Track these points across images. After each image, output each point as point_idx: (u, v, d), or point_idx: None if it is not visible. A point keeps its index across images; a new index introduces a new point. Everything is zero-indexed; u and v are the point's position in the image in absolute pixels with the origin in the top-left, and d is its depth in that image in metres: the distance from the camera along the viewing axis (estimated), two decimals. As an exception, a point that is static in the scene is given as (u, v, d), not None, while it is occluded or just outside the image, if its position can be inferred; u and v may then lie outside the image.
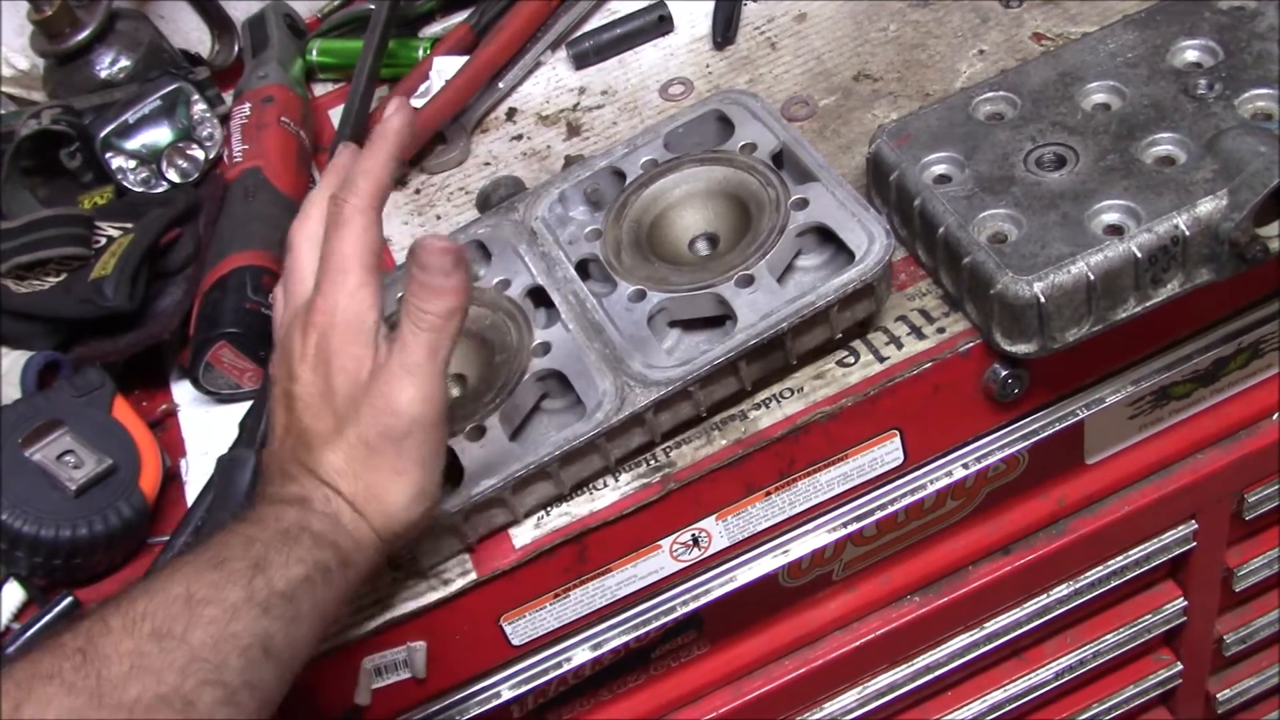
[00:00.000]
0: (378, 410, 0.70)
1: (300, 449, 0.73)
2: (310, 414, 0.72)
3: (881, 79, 1.03)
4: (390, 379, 0.70)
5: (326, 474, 0.72)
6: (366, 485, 0.71)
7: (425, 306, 0.70)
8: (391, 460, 0.71)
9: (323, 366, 0.72)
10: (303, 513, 0.70)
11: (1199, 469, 1.03)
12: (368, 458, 0.71)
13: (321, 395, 0.72)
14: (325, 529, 0.70)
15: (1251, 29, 0.89)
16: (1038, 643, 1.14)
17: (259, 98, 1.10)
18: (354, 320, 0.72)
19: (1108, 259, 0.79)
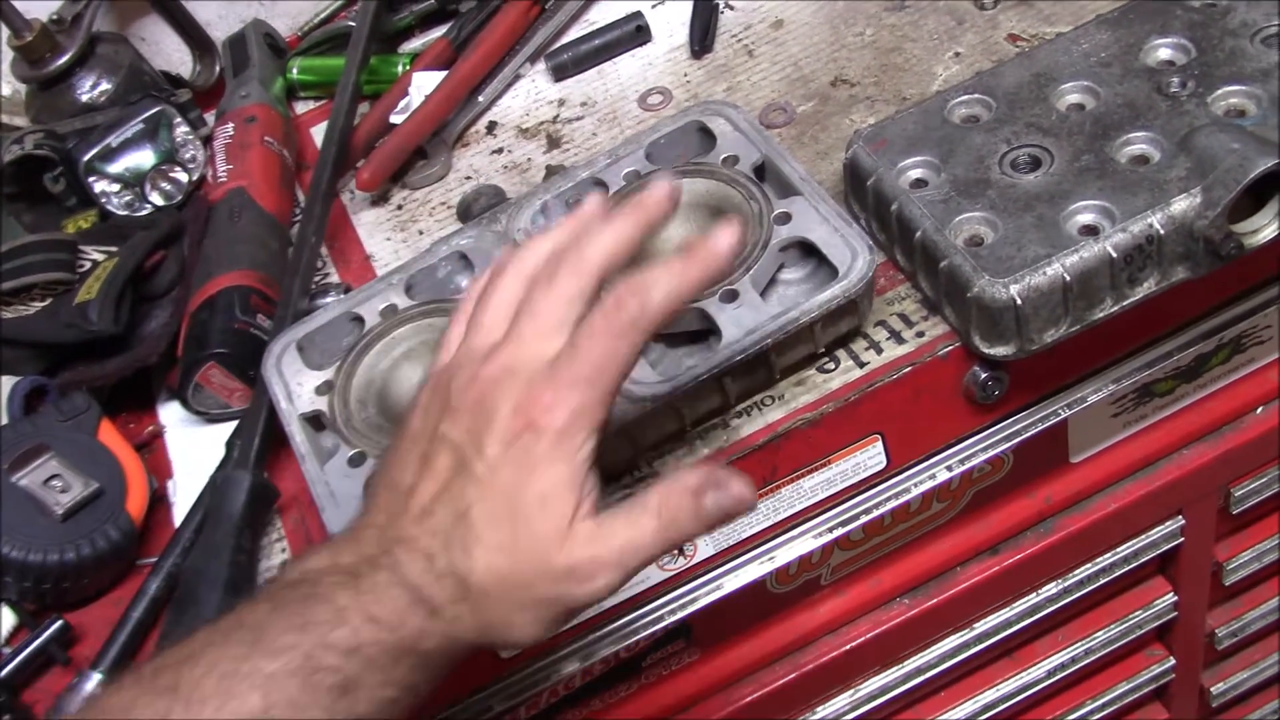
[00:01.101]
0: (572, 577, 0.63)
1: (452, 543, 0.63)
2: (486, 516, 0.63)
3: (858, 84, 1.04)
4: (597, 558, 0.63)
5: (473, 592, 0.62)
6: (503, 618, 0.63)
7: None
8: (547, 613, 0.64)
9: (521, 469, 0.62)
10: (425, 623, 0.62)
11: (1185, 465, 1.04)
12: (526, 601, 0.63)
13: (509, 501, 0.62)
14: (436, 650, 0.63)
15: (1224, 26, 0.89)
16: (1029, 641, 1.15)
17: (242, 117, 1.10)
18: (576, 434, 0.63)
19: (1083, 260, 0.79)
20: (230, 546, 0.83)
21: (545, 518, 0.62)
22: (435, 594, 0.62)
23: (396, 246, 1.05)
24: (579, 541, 0.62)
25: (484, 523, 0.62)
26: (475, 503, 0.63)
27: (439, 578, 0.62)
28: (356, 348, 0.88)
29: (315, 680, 0.58)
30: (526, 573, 0.62)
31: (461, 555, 0.62)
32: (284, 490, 0.90)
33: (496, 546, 0.62)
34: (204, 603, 0.81)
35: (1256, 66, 0.86)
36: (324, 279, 1.04)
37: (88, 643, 0.87)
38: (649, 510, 0.64)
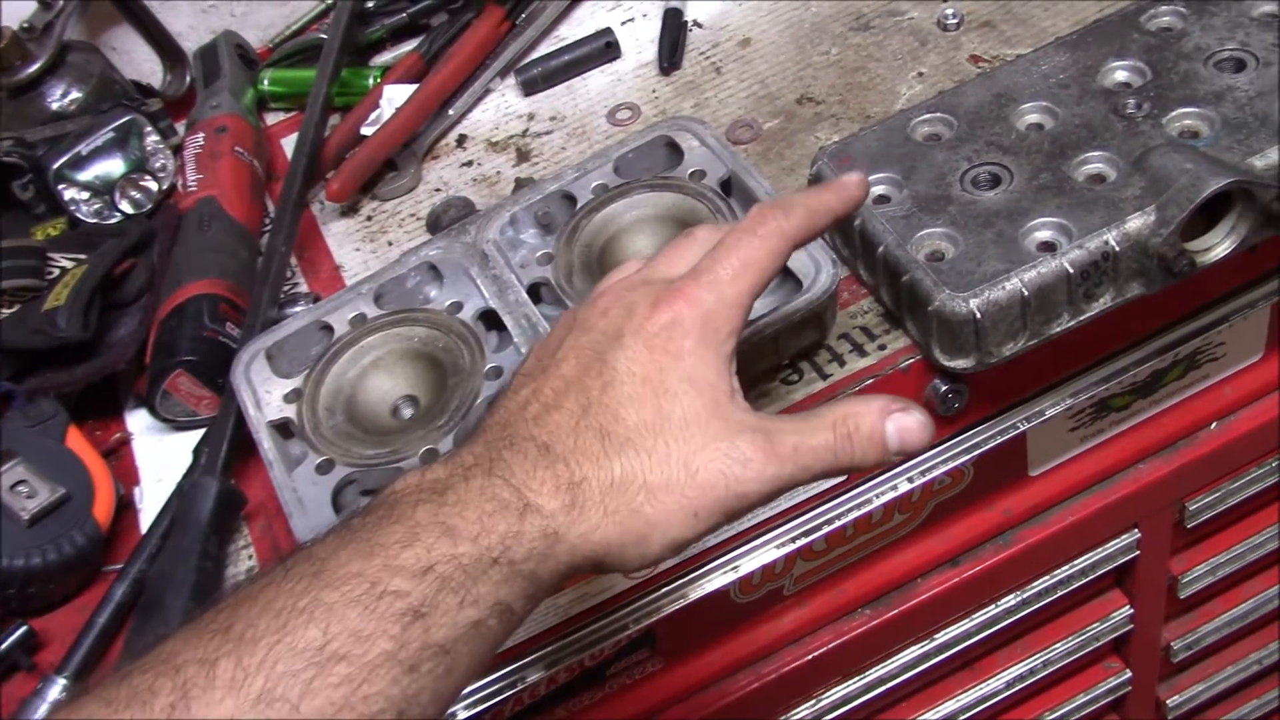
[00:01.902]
0: (735, 456, 0.59)
1: (580, 430, 0.59)
2: (622, 397, 0.60)
3: (824, 102, 1.06)
4: (764, 444, 0.60)
5: (589, 486, 0.59)
6: (640, 519, 0.59)
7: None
8: (705, 503, 0.59)
9: (663, 354, 0.61)
10: (517, 524, 0.57)
11: (1140, 479, 1.06)
12: (670, 488, 0.59)
13: (651, 383, 0.60)
14: (532, 555, 0.57)
15: (1178, 50, 0.92)
16: (989, 653, 1.16)
17: (212, 127, 1.11)
18: (721, 326, 0.62)
19: (1041, 275, 0.81)
20: (197, 552, 0.83)
21: (696, 394, 0.60)
22: (539, 490, 0.58)
23: (366, 257, 1.06)
24: (740, 422, 0.60)
25: (622, 403, 0.59)
26: (610, 386, 0.60)
27: (550, 466, 0.59)
28: (325, 356, 0.89)
29: (380, 607, 0.52)
30: (678, 451, 0.59)
31: (591, 440, 0.59)
32: (251, 497, 0.90)
33: (639, 425, 0.59)
34: (170, 608, 0.81)
35: (1209, 89, 0.88)
36: (293, 289, 1.04)
37: (53, 649, 0.86)
38: (824, 421, 0.61)
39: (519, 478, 0.58)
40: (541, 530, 0.58)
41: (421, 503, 0.57)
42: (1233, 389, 1.06)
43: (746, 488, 0.60)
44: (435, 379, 0.88)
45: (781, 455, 0.60)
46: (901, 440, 0.62)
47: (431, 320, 0.90)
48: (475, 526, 0.56)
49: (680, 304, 0.62)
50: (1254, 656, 1.36)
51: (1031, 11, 1.08)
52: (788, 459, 0.60)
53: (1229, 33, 0.91)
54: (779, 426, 0.61)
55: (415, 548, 0.55)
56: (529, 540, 0.57)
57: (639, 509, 0.59)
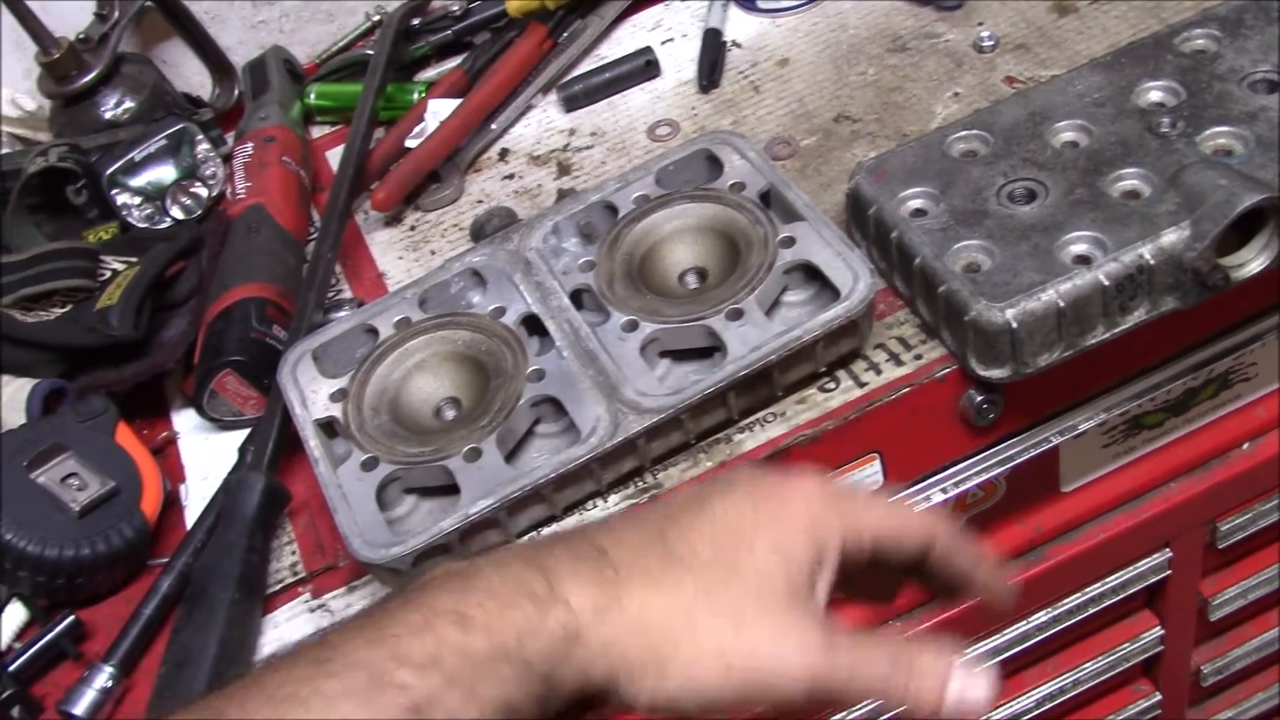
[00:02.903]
0: (780, 628, 0.56)
1: (637, 546, 0.58)
2: (704, 532, 0.58)
3: (860, 120, 1.08)
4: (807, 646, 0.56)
5: (629, 594, 0.56)
6: (669, 645, 0.55)
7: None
8: (731, 656, 0.55)
9: (764, 515, 0.59)
10: (538, 616, 0.54)
11: (1172, 498, 1.06)
12: (713, 633, 0.56)
13: (734, 533, 0.59)
14: (550, 656, 0.53)
15: (1212, 71, 0.93)
16: (1018, 671, 1.17)
17: (261, 137, 1.13)
18: (830, 525, 0.60)
19: (1077, 287, 0.82)
20: (243, 546, 0.85)
21: (779, 563, 0.58)
22: (573, 583, 0.55)
23: (409, 265, 1.08)
24: (808, 608, 0.57)
25: (702, 537, 0.58)
26: (698, 519, 0.59)
27: (597, 565, 0.56)
28: (371, 357, 0.91)
29: (380, 701, 0.50)
30: (737, 604, 0.56)
31: (653, 557, 0.57)
32: (294, 495, 0.92)
33: (709, 562, 0.57)
34: (215, 599, 0.82)
35: (1243, 109, 0.89)
36: (337, 294, 1.06)
37: (98, 639, 0.88)
38: (889, 644, 0.58)
39: (558, 571, 0.55)
40: (563, 626, 0.54)
41: (446, 589, 0.54)
42: (1265, 410, 1.07)
43: (789, 666, 0.56)
44: (478, 381, 0.90)
45: (836, 650, 0.56)
46: (961, 698, 0.57)
47: (475, 324, 0.92)
48: (493, 616, 0.53)
49: (806, 479, 0.61)
50: (1283, 683, 1.35)
51: (1065, 35, 1.09)
52: (842, 657, 0.56)
53: (1262, 55, 0.93)
54: (844, 631, 0.58)
55: (425, 637, 0.52)
56: (547, 636, 0.53)
57: (675, 638, 0.55)
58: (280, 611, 0.87)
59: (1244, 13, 0.96)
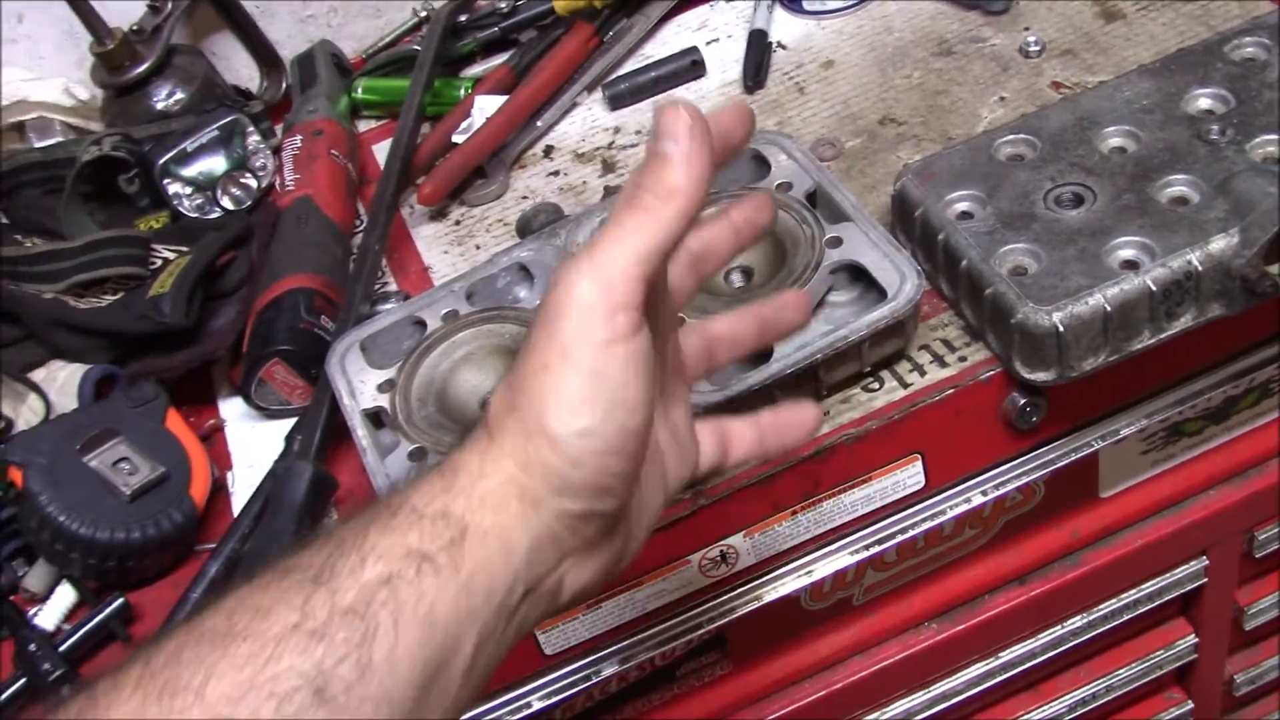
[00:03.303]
0: (547, 302, 0.55)
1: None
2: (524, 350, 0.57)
3: (906, 123, 1.08)
4: (566, 264, 0.55)
5: (497, 422, 0.56)
6: (519, 400, 0.55)
7: (640, 180, 0.55)
8: (542, 356, 0.54)
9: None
10: (425, 474, 0.55)
11: (1209, 506, 1.06)
12: (521, 366, 0.55)
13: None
14: (433, 495, 0.54)
15: (1262, 79, 0.93)
16: (1052, 675, 1.17)
17: (309, 130, 1.15)
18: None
19: (1124, 291, 0.82)
20: (291, 532, 0.86)
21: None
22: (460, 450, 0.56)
23: (454, 260, 1.09)
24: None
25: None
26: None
27: (477, 436, 0.57)
28: (418, 349, 0.92)
29: (284, 584, 0.50)
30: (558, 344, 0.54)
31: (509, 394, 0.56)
32: (341, 485, 0.93)
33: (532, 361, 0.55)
34: (264, 584, 0.83)
35: (1294, 117, 0.89)
36: (383, 287, 1.08)
37: (147, 622, 0.89)
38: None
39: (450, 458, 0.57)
40: (439, 472, 0.55)
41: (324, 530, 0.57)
42: (1306, 419, 1.07)
43: (566, 302, 0.54)
44: None
45: (591, 253, 0.55)
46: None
47: (522, 319, 0.92)
48: (380, 501, 0.54)
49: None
50: (1316, 695, 1.35)
51: (1113, 41, 1.09)
52: (588, 246, 0.55)
53: (1314, 63, 0.93)
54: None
55: (323, 534, 0.53)
56: (428, 483, 0.54)
57: (510, 406, 0.55)
58: (326, 598, 0.88)
59: (1294, 21, 0.97)
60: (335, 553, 0.51)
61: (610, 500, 0.56)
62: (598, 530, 0.58)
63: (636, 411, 0.55)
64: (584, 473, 0.54)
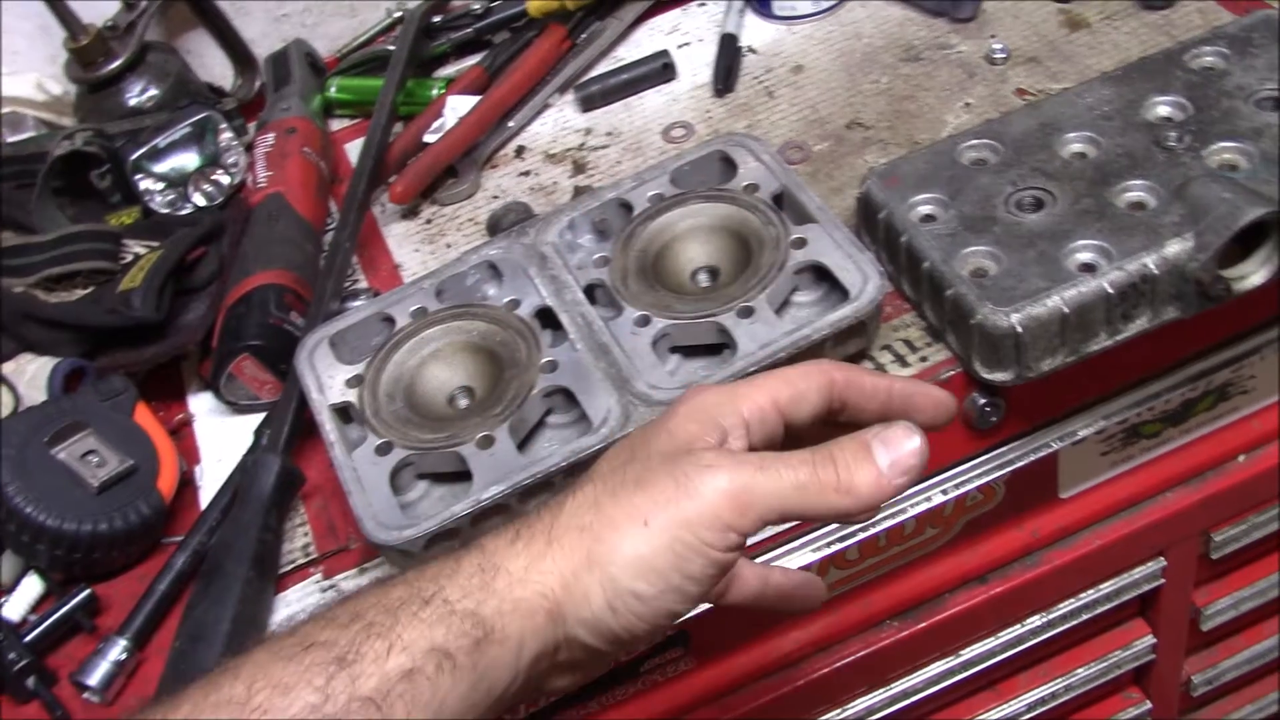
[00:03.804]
0: (678, 464, 0.57)
1: (551, 498, 0.60)
2: (602, 462, 0.61)
3: (873, 127, 1.10)
4: (707, 458, 0.57)
5: (539, 522, 0.58)
6: (587, 536, 0.56)
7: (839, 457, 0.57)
8: (642, 509, 0.56)
9: (651, 425, 0.62)
10: (454, 563, 0.56)
11: (1167, 507, 1.08)
12: (617, 499, 0.57)
13: (628, 443, 0.61)
14: (469, 591, 0.55)
15: (1220, 87, 0.95)
16: (1011, 674, 1.18)
17: (282, 128, 1.15)
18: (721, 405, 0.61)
19: (1081, 294, 0.84)
20: (258, 525, 0.86)
21: (669, 438, 0.59)
22: (491, 536, 0.58)
23: (424, 258, 1.10)
24: (698, 455, 0.57)
25: (600, 464, 0.61)
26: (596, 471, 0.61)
27: (513, 519, 0.60)
28: (387, 345, 0.93)
29: (306, 659, 0.52)
30: (633, 473, 0.58)
31: (561, 494, 0.59)
32: (308, 479, 0.94)
33: (604, 470, 0.59)
34: (230, 575, 0.84)
35: (1249, 125, 0.91)
36: (353, 284, 1.08)
37: (113, 614, 0.90)
38: (798, 453, 0.57)
39: (478, 538, 0.58)
40: (479, 565, 0.56)
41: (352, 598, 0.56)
42: (1261, 423, 1.09)
43: (702, 485, 0.56)
44: (492, 371, 0.92)
45: (746, 459, 0.57)
46: (894, 459, 0.57)
47: (490, 315, 0.93)
48: (414, 574, 0.56)
49: (691, 390, 0.63)
50: (1273, 696, 1.37)
51: (1076, 49, 1.11)
52: (752, 462, 0.57)
53: (1269, 73, 0.95)
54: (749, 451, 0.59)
55: (349, 603, 0.54)
56: (465, 575, 0.55)
57: (586, 526, 0.57)
58: (292, 591, 0.89)
59: (1252, 31, 0.98)
60: (361, 635, 0.52)
61: (621, 650, 0.59)
62: (595, 657, 0.59)
63: (687, 604, 0.57)
64: (616, 622, 0.56)
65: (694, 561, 0.56)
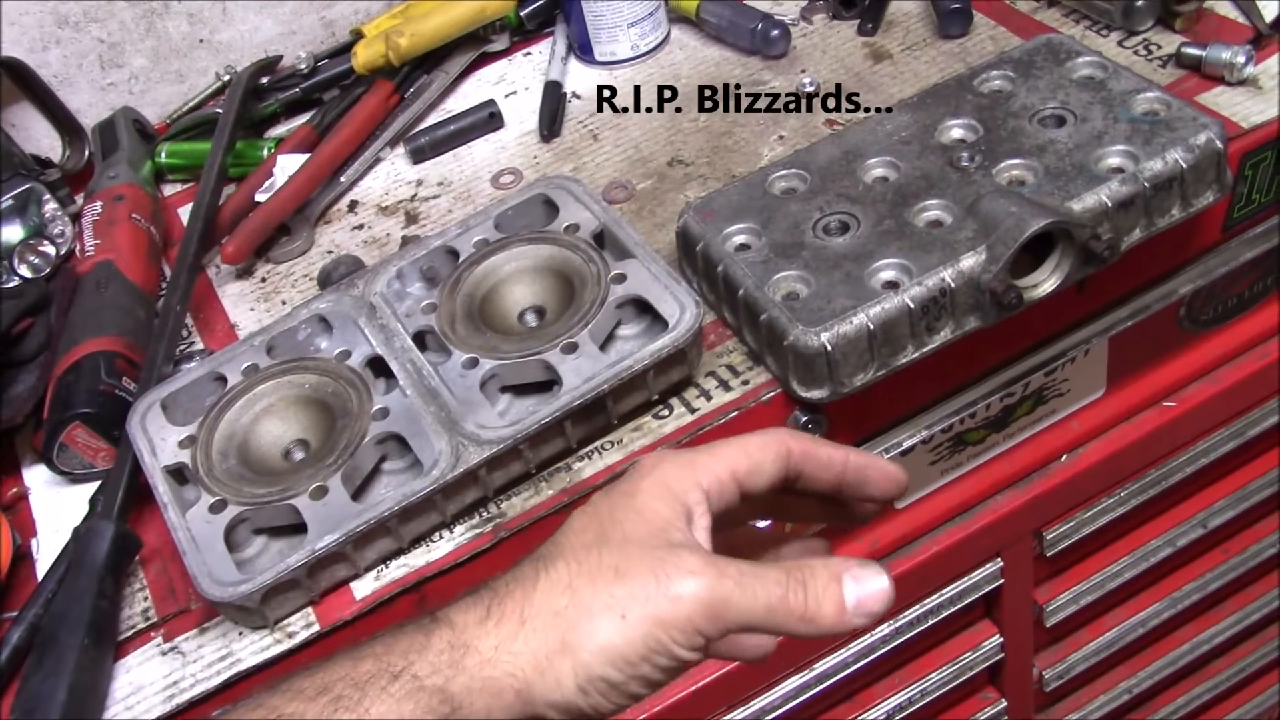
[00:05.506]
0: (660, 561, 0.58)
1: (514, 568, 0.61)
2: (568, 530, 0.62)
3: (693, 164, 1.13)
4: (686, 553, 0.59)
5: (510, 600, 0.59)
6: (561, 621, 0.58)
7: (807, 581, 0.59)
8: (620, 602, 0.57)
9: (617, 494, 0.63)
10: (424, 639, 0.57)
11: (998, 509, 1.13)
12: (595, 588, 0.58)
13: (595, 516, 0.62)
14: (438, 668, 0.56)
15: (1006, 109, 1.01)
16: (868, 684, 1.22)
17: (110, 196, 1.15)
18: (683, 477, 0.63)
19: (885, 310, 0.88)
20: (93, 592, 0.86)
21: (641, 521, 0.61)
22: (459, 610, 0.59)
23: (260, 316, 1.11)
24: (685, 543, 0.60)
25: (566, 534, 0.62)
26: (560, 532, 0.63)
27: (478, 592, 0.60)
28: (219, 404, 0.93)
29: None
30: (610, 560, 0.59)
31: (526, 568, 0.61)
32: (147, 543, 0.93)
33: (576, 545, 0.61)
34: (64, 645, 0.83)
35: (1034, 143, 0.97)
36: (189, 347, 1.08)
37: (-51, 695, 0.88)
38: (777, 566, 0.60)
39: (445, 608, 0.59)
40: (449, 642, 0.57)
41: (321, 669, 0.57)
42: (1079, 423, 1.15)
43: (681, 589, 0.57)
44: (325, 423, 0.92)
45: (724, 570, 0.58)
46: (860, 598, 0.60)
47: (321, 368, 0.94)
48: (382, 647, 0.57)
49: (651, 456, 0.64)
50: (1124, 685, 1.43)
51: (881, 79, 1.17)
52: (730, 575, 0.58)
53: (1051, 93, 1.00)
54: (727, 558, 0.60)
55: (318, 674, 0.56)
56: (435, 652, 0.56)
57: (560, 610, 0.58)
58: (132, 656, 0.88)
59: (1035, 54, 1.05)
60: (329, 709, 0.54)
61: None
62: None
63: (650, 689, 0.59)
64: (585, 703, 0.58)
65: (662, 657, 0.58)
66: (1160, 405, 1.17)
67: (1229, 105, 1.04)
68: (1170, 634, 1.42)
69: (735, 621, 0.58)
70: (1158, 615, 1.35)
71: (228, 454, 0.91)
